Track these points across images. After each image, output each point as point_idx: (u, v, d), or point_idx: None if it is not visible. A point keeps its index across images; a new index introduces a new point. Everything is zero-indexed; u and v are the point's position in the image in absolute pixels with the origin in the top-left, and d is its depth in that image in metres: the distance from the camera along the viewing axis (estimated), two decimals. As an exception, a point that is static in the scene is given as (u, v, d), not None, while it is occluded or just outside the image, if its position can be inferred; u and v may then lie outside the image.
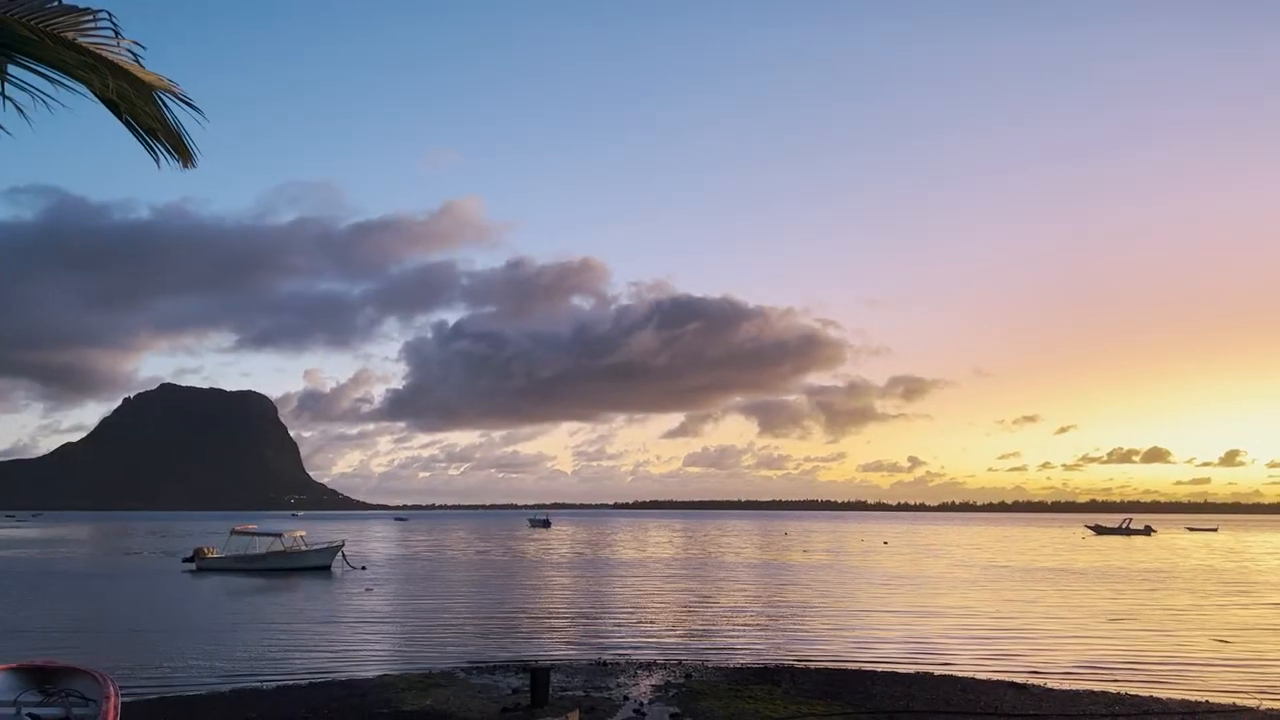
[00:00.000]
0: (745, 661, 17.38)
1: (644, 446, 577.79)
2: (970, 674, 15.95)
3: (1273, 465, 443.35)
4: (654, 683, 14.51)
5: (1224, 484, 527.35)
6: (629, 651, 18.62)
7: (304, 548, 45.80)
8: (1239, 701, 13.70)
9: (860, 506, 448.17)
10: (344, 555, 45.35)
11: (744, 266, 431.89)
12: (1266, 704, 13.55)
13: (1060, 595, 31.86)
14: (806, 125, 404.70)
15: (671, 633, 21.78)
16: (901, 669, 16.49)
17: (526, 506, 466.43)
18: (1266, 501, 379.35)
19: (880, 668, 16.61)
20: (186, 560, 45.45)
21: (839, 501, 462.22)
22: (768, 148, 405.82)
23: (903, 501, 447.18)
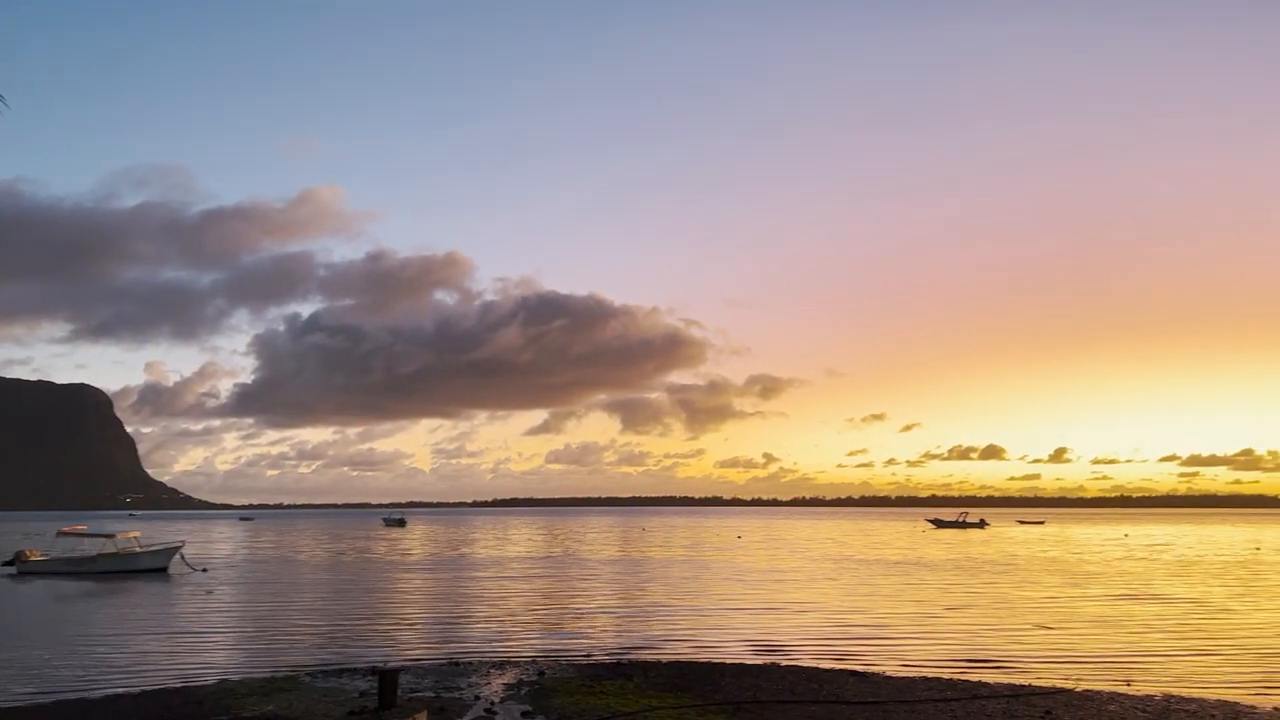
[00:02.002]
0: (599, 657, 17.47)
1: (506, 444, 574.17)
2: (815, 664, 16.50)
3: (1096, 462, 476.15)
4: (506, 681, 14.41)
5: (1052, 480, 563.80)
6: (483, 651, 18.44)
7: (138, 549, 43.42)
8: (1059, 684, 14.62)
9: (717, 502, 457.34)
10: (183, 557, 43.28)
11: (611, 265, 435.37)
12: (1083, 685, 14.51)
13: (902, 586, 33.28)
14: (672, 125, 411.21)
15: (527, 631, 21.69)
16: (751, 661, 16.91)
17: (381, 505, 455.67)
18: (1089, 496, 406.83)
19: (731, 660, 16.99)
20: (5, 564, 42.42)
21: (697, 497, 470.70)
22: (636, 147, 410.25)
23: (757, 497, 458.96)
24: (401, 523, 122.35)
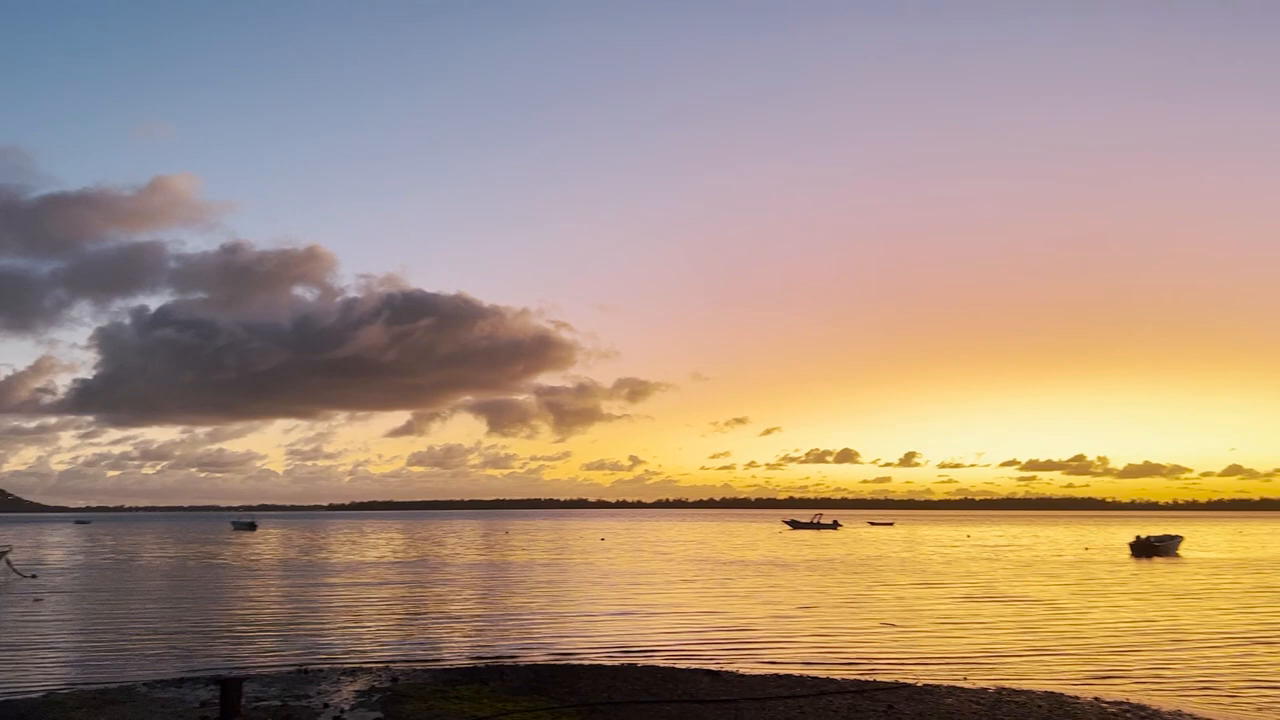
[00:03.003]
0: (455, 662, 17.26)
1: (366, 445, 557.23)
2: (671, 664, 16.73)
3: (943, 466, 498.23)
4: (358, 688, 14.07)
5: (902, 482, 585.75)
6: (334, 658, 17.94)
7: (-41, 556, 40.45)
8: (901, 678, 15.27)
9: (583, 504, 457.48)
10: (9, 562, 40.53)
11: (481, 265, 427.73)
12: (924, 680, 15.20)
13: (759, 587, 34.06)
14: (546, 126, 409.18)
15: (381, 637, 21.22)
16: (609, 662, 17.01)
17: (231, 508, 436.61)
18: (936, 498, 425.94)
19: (589, 662, 17.05)
20: None
21: (562, 500, 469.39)
22: (509, 147, 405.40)
23: (622, 499, 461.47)
24: (252, 526, 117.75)
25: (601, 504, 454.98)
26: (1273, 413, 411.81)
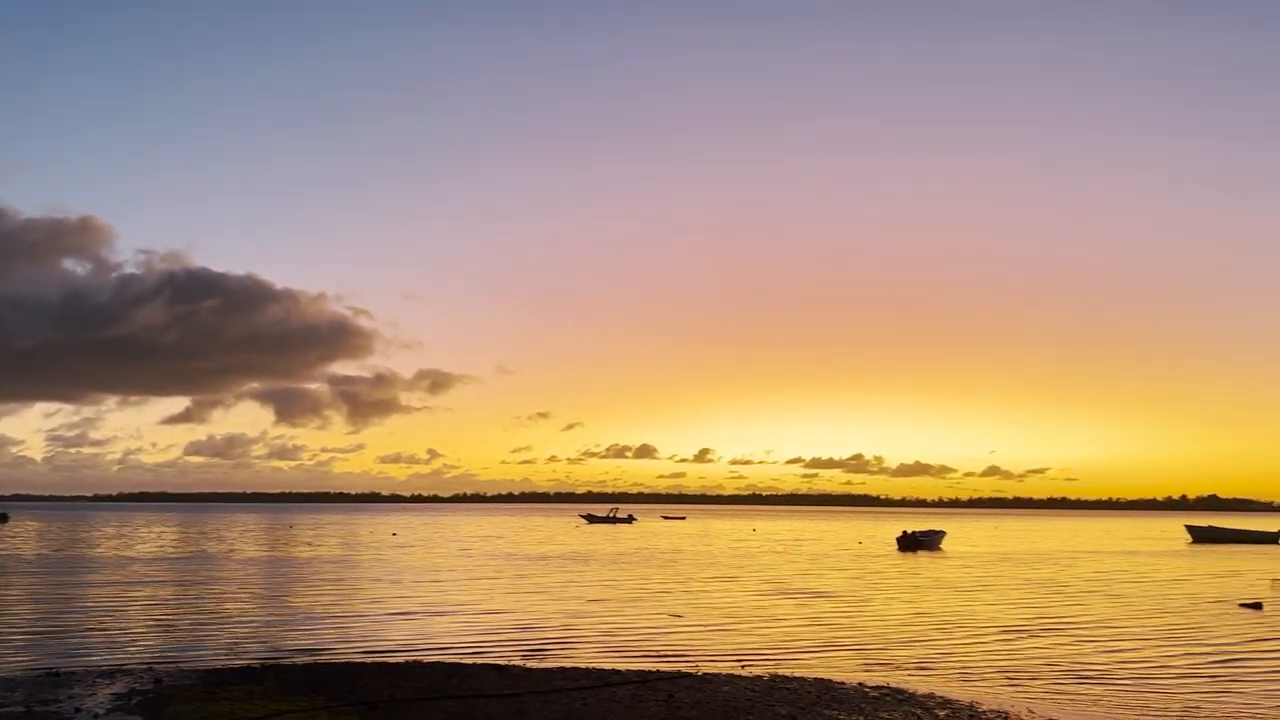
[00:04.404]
0: (229, 662, 16.42)
1: (138, 432, 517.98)
2: (458, 659, 16.57)
3: (734, 462, 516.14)
4: (116, 691, 13.14)
5: (696, 478, 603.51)
6: (90, 660, 16.66)
7: None
8: (683, 668, 15.75)
9: (375, 498, 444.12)
10: None
11: (276, 245, 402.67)
12: (704, 669, 15.74)
13: (552, 582, 34.26)
14: (354, 109, 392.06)
15: (146, 637, 19.89)
16: (394, 659, 16.65)
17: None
18: (727, 493, 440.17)
19: (372, 660, 16.63)
20: None
21: (353, 493, 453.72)
22: (315, 126, 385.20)
23: (417, 493, 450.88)
24: (3, 518, 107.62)
25: (396, 498, 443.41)
26: (1026, 420, 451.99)
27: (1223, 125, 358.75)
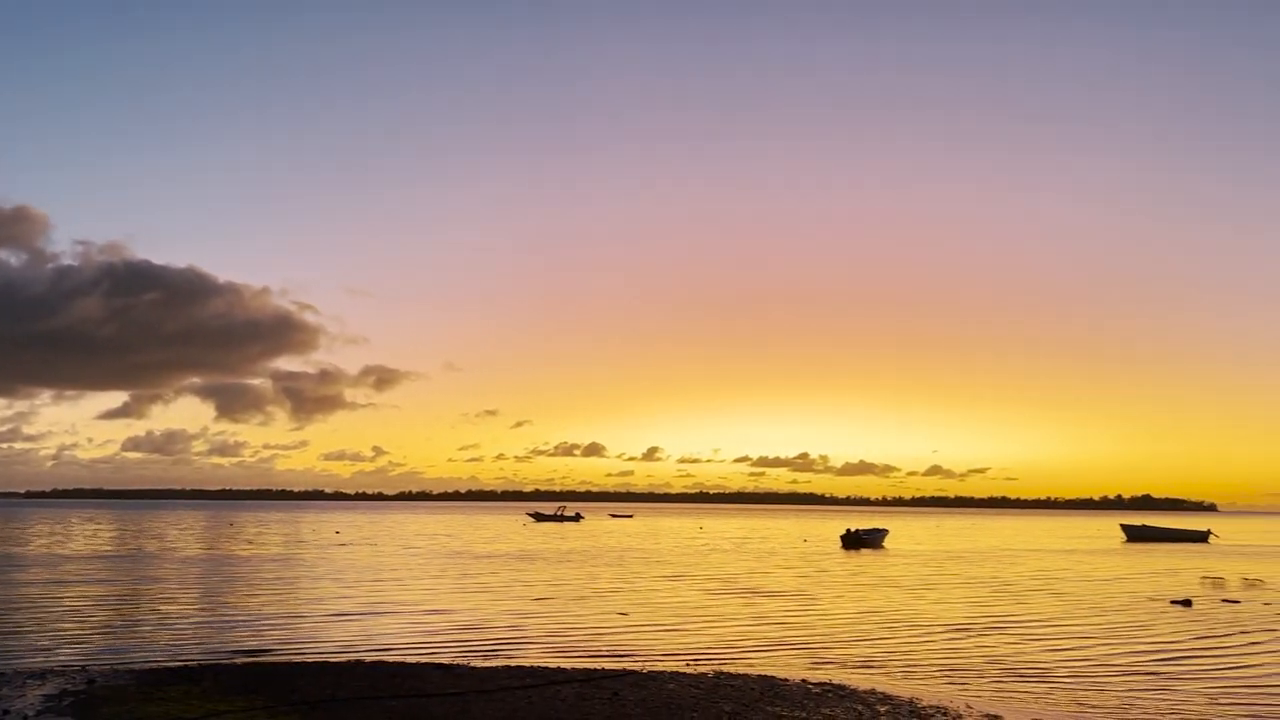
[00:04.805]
0: (166, 662, 16.07)
1: (74, 427, 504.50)
2: (401, 659, 16.39)
3: (682, 461, 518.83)
4: (46, 693, 12.79)
5: (645, 476, 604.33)
6: (19, 660, 16.20)
7: None
8: (629, 666, 15.75)
9: (319, 496, 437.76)
10: None
11: (219, 238, 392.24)
12: (649, 666, 15.76)
13: (499, 580, 34.06)
14: (303, 99, 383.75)
15: (80, 637, 19.39)
16: (337, 659, 16.43)
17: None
18: (675, 491, 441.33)
19: (314, 660, 16.39)
20: None
21: (296, 491, 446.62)
22: (262, 118, 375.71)
23: (361, 491, 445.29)
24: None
25: (340, 496, 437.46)
26: (968, 421, 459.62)
27: (1154, 140, 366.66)
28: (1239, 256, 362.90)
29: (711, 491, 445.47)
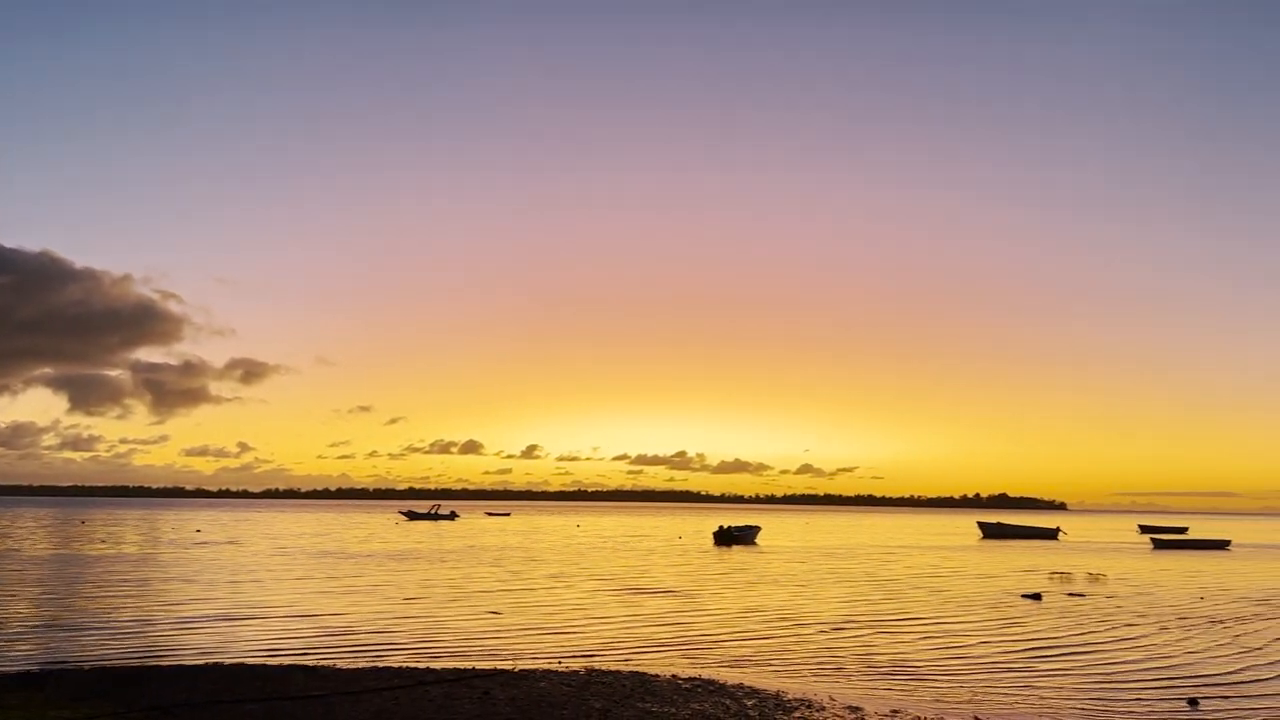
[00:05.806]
0: (6, 667, 15.14)
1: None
2: (264, 661, 15.87)
3: (560, 459, 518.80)
4: None
5: (523, 474, 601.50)
6: None
7: None
8: (499, 665, 15.64)
9: (179, 493, 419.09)
10: None
11: (76, 220, 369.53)
12: (520, 665, 15.68)
13: (368, 580, 33.31)
14: (165, 79, 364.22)
15: (-93, 643, 18.08)
16: (194, 662, 15.79)
17: None
18: (553, 489, 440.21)
19: (170, 663, 15.71)
20: None
21: (155, 488, 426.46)
22: (122, 92, 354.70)
23: (225, 488, 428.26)
24: None
25: (201, 493, 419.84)
26: (838, 421, 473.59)
27: (1043, 141, 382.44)
28: (1090, 263, 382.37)
29: (590, 489, 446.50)
